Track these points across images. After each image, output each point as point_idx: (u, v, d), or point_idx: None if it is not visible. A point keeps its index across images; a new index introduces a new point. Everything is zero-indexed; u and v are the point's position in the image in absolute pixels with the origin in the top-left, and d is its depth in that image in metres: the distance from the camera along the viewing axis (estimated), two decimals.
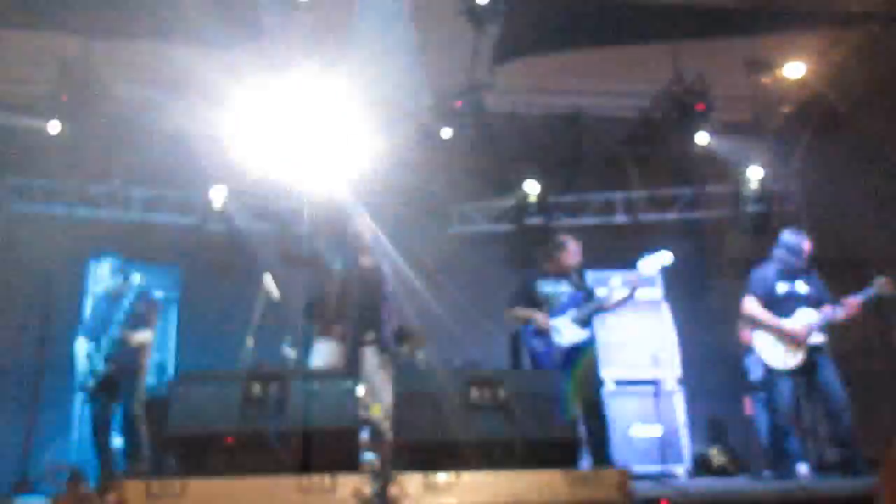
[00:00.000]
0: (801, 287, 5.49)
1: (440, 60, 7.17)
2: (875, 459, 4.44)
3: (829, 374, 5.24)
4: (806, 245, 5.56)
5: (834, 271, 6.32)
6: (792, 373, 5.34)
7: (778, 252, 5.64)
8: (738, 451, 6.94)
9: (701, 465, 6.84)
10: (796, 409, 5.79)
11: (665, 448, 6.67)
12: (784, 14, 6.53)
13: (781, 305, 5.44)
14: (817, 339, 5.33)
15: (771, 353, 5.42)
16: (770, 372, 5.43)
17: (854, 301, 5.29)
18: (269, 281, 5.62)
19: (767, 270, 5.61)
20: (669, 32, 6.90)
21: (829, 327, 5.36)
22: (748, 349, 6.05)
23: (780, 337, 5.39)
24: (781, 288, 5.49)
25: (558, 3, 6.51)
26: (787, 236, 5.65)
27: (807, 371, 5.32)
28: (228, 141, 7.10)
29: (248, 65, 7.13)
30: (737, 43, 6.98)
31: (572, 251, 5.79)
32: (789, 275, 5.53)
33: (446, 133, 7.56)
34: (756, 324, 5.52)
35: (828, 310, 5.34)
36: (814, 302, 5.42)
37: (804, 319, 5.35)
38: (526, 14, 6.44)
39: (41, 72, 6.74)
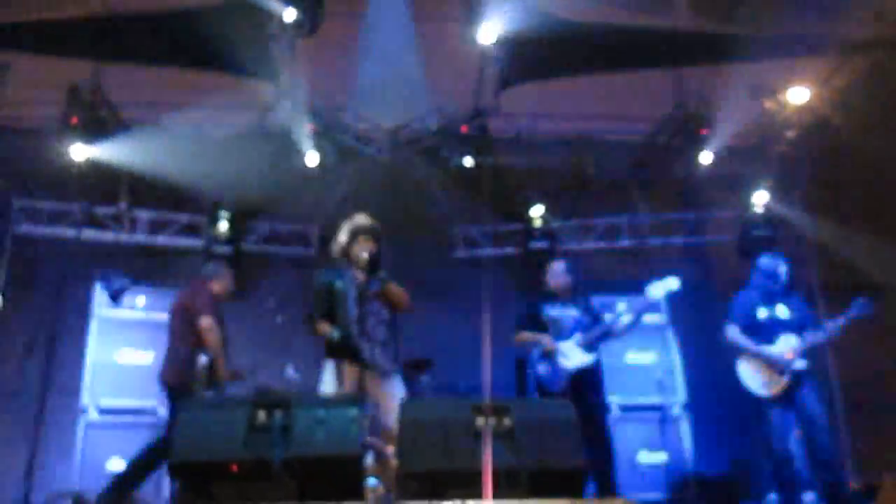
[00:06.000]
0: (783, 312, 5.47)
1: (446, 85, 7.22)
2: (872, 487, 4.40)
3: (810, 396, 5.21)
4: (783, 269, 5.55)
5: (838, 295, 6.30)
6: (778, 399, 5.30)
7: (756, 278, 5.64)
8: (743, 477, 6.88)
9: (706, 493, 6.78)
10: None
11: (671, 475, 6.62)
12: (788, 39, 6.57)
13: (763, 331, 5.42)
14: (801, 364, 5.29)
15: (755, 380, 5.38)
16: (757, 401, 5.39)
17: (835, 324, 5.26)
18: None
19: (748, 296, 5.61)
20: (674, 57, 6.94)
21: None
22: None
23: (764, 364, 5.36)
24: (762, 313, 5.48)
25: (563, 30, 6.55)
26: (764, 261, 5.64)
27: (790, 395, 5.28)
28: (235, 163, 7.14)
29: (256, 88, 7.20)
30: (741, 68, 7.01)
31: (554, 272, 5.80)
32: (770, 300, 5.51)
33: (454, 159, 7.60)
34: (740, 351, 5.48)
35: (810, 334, 5.32)
36: (795, 326, 5.39)
37: (787, 345, 5.32)
38: (531, 40, 6.48)
39: (50, 95, 6.78)
